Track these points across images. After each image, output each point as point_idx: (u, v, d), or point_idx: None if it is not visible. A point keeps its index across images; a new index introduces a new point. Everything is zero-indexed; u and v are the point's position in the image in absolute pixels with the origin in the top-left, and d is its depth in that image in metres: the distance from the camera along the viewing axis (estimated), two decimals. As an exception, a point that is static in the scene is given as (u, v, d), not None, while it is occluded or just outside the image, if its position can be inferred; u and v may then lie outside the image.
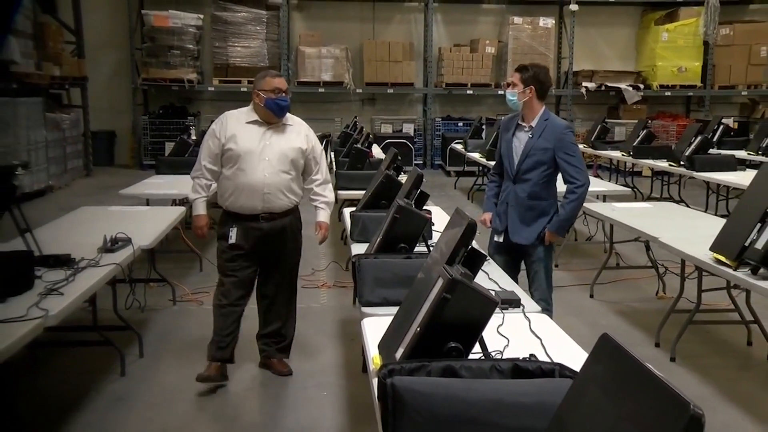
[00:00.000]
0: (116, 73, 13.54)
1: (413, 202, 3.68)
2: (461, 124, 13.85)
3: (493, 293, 2.08)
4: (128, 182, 7.34)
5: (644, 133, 9.49)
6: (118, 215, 5.11)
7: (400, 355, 2.00)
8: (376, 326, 2.57)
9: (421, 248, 3.51)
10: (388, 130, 13.78)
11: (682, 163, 7.96)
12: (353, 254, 3.58)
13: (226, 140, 3.85)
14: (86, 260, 3.60)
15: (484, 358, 2.13)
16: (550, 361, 2.06)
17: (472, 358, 1.99)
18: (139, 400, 3.80)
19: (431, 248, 3.28)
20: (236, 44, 13.13)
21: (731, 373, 4.29)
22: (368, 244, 3.71)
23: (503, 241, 4.09)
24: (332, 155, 9.56)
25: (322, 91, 13.29)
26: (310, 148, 3.98)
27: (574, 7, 13.51)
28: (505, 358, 2.18)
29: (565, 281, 6.06)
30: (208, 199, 4.09)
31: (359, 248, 3.80)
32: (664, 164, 8.50)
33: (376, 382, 1.88)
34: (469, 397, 1.73)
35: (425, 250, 3.47)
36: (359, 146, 7.66)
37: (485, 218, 4.24)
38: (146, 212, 5.46)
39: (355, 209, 4.69)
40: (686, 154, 7.90)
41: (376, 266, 3.04)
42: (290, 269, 4.10)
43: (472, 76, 13.54)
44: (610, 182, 9.72)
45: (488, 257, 3.48)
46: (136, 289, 4.93)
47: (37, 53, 10.45)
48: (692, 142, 8.04)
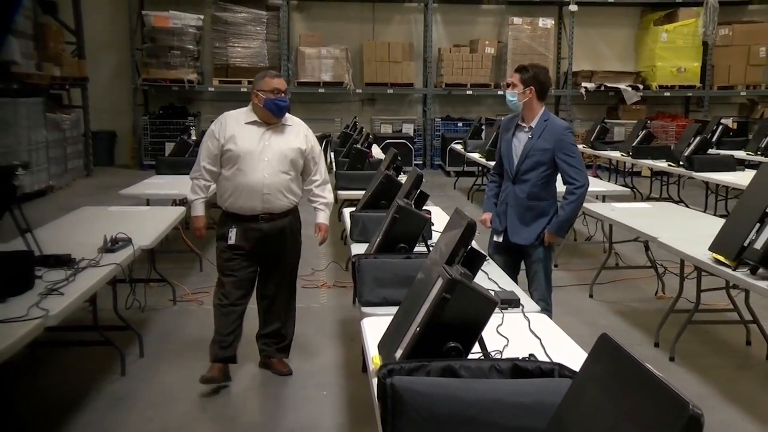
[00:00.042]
0: (116, 73, 13.54)
1: (413, 202, 3.68)
2: (461, 124, 13.85)
3: (492, 293, 2.09)
4: (128, 182, 7.35)
5: (643, 133, 9.49)
6: (118, 215, 5.11)
7: (399, 354, 2.00)
8: (375, 326, 2.58)
9: (420, 248, 3.51)
10: (387, 130, 13.78)
11: (681, 163, 7.96)
12: (353, 254, 3.59)
13: (225, 141, 3.83)
14: (86, 260, 3.60)
15: (483, 357, 2.13)
16: (549, 360, 2.07)
17: (471, 358, 2.00)
18: (139, 399, 3.81)
19: (431, 248, 3.29)
20: (236, 45, 13.14)
21: (730, 372, 4.30)
22: (368, 244, 3.71)
23: (503, 241, 4.10)
24: (332, 155, 9.56)
25: (322, 91, 13.30)
26: (309, 148, 3.98)
27: (573, 7, 13.53)
28: (504, 358, 2.19)
29: (564, 281, 6.07)
30: (207, 199, 4.08)
31: (359, 248, 3.80)
32: (663, 164, 8.50)
33: (375, 381, 1.89)
34: (468, 396, 1.73)
35: (425, 250, 3.47)
36: (359, 146, 7.67)
37: (485, 218, 4.24)
38: (146, 212, 5.47)
39: (354, 209, 4.69)
40: (685, 154, 7.90)
41: (375, 266, 3.04)
42: (290, 269, 4.10)
43: (471, 76, 13.55)
44: (609, 182, 9.72)
45: (488, 257, 3.49)
46: (136, 289, 4.94)
47: (37, 54, 10.45)
48: (691, 142, 8.04)
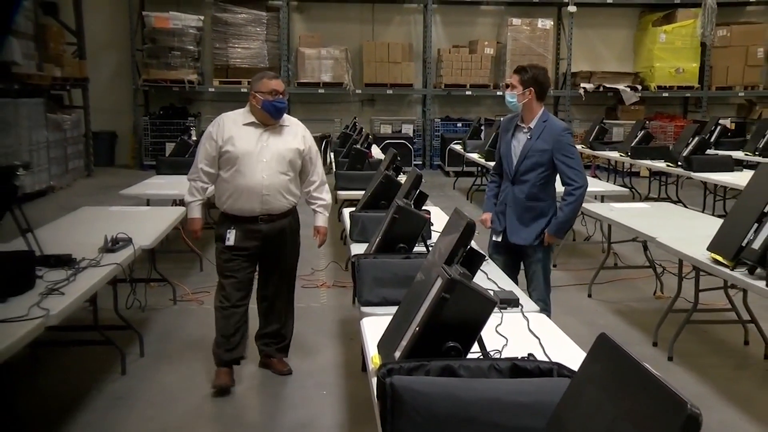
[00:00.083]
0: (117, 74, 13.54)
1: (412, 202, 3.69)
2: (460, 124, 13.86)
3: (491, 293, 2.10)
4: (129, 182, 7.35)
5: (642, 133, 9.49)
6: (118, 215, 5.12)
7: (399, 354, 2.01)
8: (375, 326, 2.58)
9: (420, 248, 3.52)
10: (387, 130, 13.79)
11: (679, 163, 7.97)
12: (353, 254, 3.59)
13: (223, 142, 3.81)
14: (87, 260, 3.61)
15: (482, 357, 2.14)
16: (548, 360, 2.08)
17: (470, 357, 2.01)
18: (139, 399, 3.81)
19: (430, 248, 3.29)
20: (236, 45, 13.14)
21: (728, 372, 4.31)
22: (367, 244, 3.71)
23: (502, 241, 4.11)
24: (332, 156, 9.56)
25: (321, 92, 13.30)
26: (306, 148, 3.96)
27: (572, 8, 13.54)
28: (503, 357, 2.19)
29: (563, 281, 6.08)
30: (204, 201, 4.05)
31: (358, 248, 3.81)
32: (661, 165, 8.51)
33: (375, 381, 1.89)
34: (467, 396, 1.74)
35: (424, 250, 3.48)
36: (359, 147, 7.68)
37: (485, 218, 4.25)
38: (147, 212, 5.48)
39: (354, 209, 4.70)
40: (684, 154, 7.90)
41: (375, 266, 3.05)
42: (289, 270, 4.10)
43: (470, 77, 13.56)
44: (608, 182, 9.72)
45: (487, 257, 3.50)
46: (136, 288, 4.95)
47: (38, 54, 10.46)
48: (690, 142, 8.04)
